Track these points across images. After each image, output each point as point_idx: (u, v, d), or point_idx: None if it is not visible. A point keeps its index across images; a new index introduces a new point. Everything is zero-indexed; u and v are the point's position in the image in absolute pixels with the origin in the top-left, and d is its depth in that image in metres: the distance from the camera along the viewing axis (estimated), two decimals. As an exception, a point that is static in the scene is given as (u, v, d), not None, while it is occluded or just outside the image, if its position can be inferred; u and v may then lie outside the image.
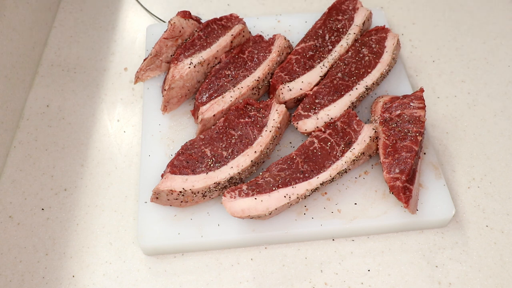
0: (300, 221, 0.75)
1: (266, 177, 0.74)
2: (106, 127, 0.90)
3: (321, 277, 0.73)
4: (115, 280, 0.73)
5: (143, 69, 0.90)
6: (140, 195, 0.78)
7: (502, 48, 1.01)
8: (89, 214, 0.79)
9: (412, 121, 0.79)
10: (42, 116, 0.91)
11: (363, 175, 0.80)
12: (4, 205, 0.80)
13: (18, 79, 0.91)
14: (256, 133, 0.80)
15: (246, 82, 0.85)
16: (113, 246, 0.76)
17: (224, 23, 0.91)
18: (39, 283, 0.73)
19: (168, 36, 0.89)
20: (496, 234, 0.77)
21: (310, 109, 0.83)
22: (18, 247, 0.76)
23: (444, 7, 1.08)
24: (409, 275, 0.73)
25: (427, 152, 0.82)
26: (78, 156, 0.86)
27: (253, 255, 0.75)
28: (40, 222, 0.79)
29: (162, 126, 0.86)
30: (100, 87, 0.95)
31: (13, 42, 0.89)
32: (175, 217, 0.76)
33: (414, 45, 1.02)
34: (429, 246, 0.76)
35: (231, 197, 0.71)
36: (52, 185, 0.83)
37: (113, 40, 1.03)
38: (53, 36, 1.04)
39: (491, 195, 0.81)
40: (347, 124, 0.80)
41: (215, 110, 0.82)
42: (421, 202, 0.76)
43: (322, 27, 0.92)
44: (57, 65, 0.99)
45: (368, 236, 0.77)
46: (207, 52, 0.87)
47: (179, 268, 0.74)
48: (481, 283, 0.72)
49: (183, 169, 0.76)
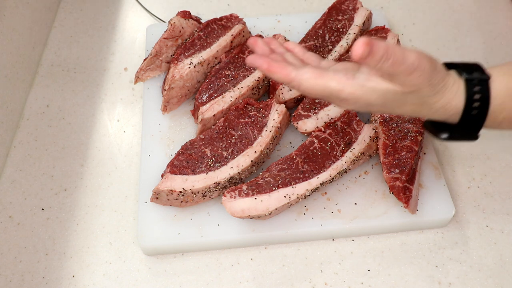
0: (300, 221, 0.75)
1: (266, 177, 0.74)
2: (106, 127, 0.90)
3: (321, 277, 0.73)
4: (115, 280, 0.73)
5: (143, 69, 0.90)
6: (140, 195, 0.78)
7: (502, 48, 1.01)
8: (89, 214, 0.79)
9: (412, 121, 0.79)
10: (42, 116, 0.91)
11: (363, 175, 0.80)
12: (4, 205, 0.80)
13: (18, 79, 0.91)
14: (256, 133, 0.80)
15: (246, 82, 0.85)
16: (113, 246, 0.76)
17: (224, 23, 0.91)
18: (39, 283, 0.73)
19: (168, 36, 0.89)
20: (496, 234, 0.77)
21: (310, 109, 0.83)
22: (18, 247, 0.76)
23: (444, 7, 1.08)
24: (409, 275, 0.73)
25: (427, 152, 0.82)
26: (78, 156, 0.86)
27: (253, 255, 0.75)
28: (40, 222, 0.79)
29: (162, 126, 0.86)
30: (100, 87, 0.95)
31: (13, 42, 0.89)
32: (175, 217, 0.76)
33: (414, 45, 1.02)
34: (429, 246, 0.76)
35: (231, 197, 0.71)
36: (52, 185, 0.83)
37: (113, 40, 1.03)
38: (53, 36, 1.04)
39: (491, 195, 0.81)
40: (347, 124, 0.80)
41: (215, 110, 0.82)
42: (421, 202, 0.76)
43: (322, 27, 0.92)
44: (57, 65, 0.99)
45: (368, 236, 0.77)
46: (207, 52, 0.87)
47: (179, 268, 0.74)
48: (481, 283, 0.72)
49: (183, 169, 0.76)
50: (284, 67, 0.52)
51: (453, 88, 0.55)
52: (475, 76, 0.56)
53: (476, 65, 0.58)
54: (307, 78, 0.52)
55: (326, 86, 0.52)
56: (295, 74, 0.52)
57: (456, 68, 0.58)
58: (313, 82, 0.52)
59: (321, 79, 0.52)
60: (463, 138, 0.59)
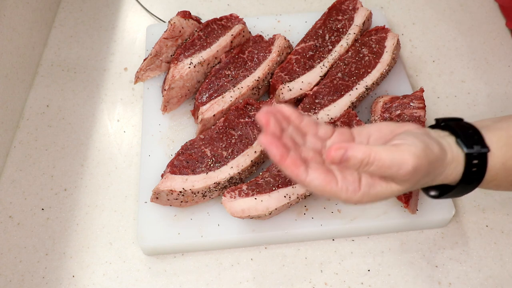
0: (300, 221, 0.75)
1: (266, 177, 0.74)
2: (106, 127, 0.90)
3: (321, 277, 0.73)
4: (115, 280, 0.73)
5: (143, 69, 0.90)
6: (140, 195, 0.78)
7: (502, 48, 1.01)
8: (89, 214, 0.79)
9: (412, 121, 0.79)
10: (42, 116, 0.91)
11: (363, 175, 0.80)
12: (4, 205, 0.80)
13: (18, 79, 0.91)
14: (256, 133, 0.80)
15: (246, 82, 0.85)
16: (113, 246, 0.76)
17: (224, 23, 0.91)
18: (39, 283, 0.73)
19: (168, 36, 0.89)
20: (496, 234, 0.77)
21: (310, 109, 0.83)
22: (18, 247, 0.76)
23: (444, 7, 1.08)
24: (409, 275, 0.73)
25: (427, 152, 0.82)
26: (78, 156, 0.86)
27: (253, 255, 0.75)
28: (40, 222, 0.79)
29: (162, 126, 0.86)
30: (100, 87, 0.95)
31: (13, 42, 0.89)
32: (175, 217, 0.76)
33: (414, 45, 1.02)
34: (429, 246, 0.76)
35: (231, 197, 0.71)
36: (52, 185, 0.83)
37: (113, 40, 1.03)
38: (53, 36, 1.04)
39: (491, 195, 0.81)
40: (347, 124, 0.80)
41: (215, 110, 0.82)
42: (421, 202, 0.76)
43: (322, 27, 0.92)
44: (57, 65, 0.99)
45: (368, 236, 0.77)
46: (207, 52, 0.87)
47: (179, 268, 0.74)
48: (481, 283, 0.72)
49: (183, 169, 0.76)
50: (297, 167, 0.52)
51: (452, 165, 0.56)
52: (475, 150, 0.56)
53: (476, 132, 0.57)
54: (316, 185, 0.52)
55: (334, 194, 0.53)
56: (305, 178, 0.52)
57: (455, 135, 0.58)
58: (322, 189, 0.52)
59: (330, 187, 0.52)
60: (452, 196, 0.60)
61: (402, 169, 0.51)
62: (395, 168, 0.51)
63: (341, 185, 0.52)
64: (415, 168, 0.51)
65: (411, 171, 0.51)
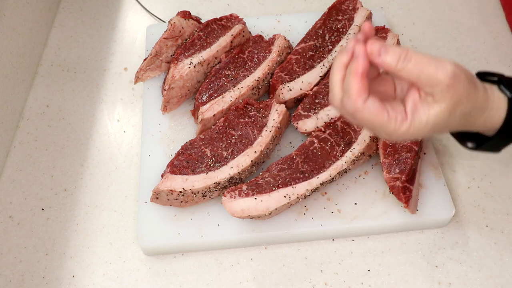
0: (300, 221, 0.75)
1: (266, 177, 0.74)
2: (106, 127, 0.90)
3: (321, 277, 0.73)
4: (115, 280, 0.73)
5: (143, 69, 0.90)
6: (140, 195, 0.78)
7: (502, 48, 1.00)
8: (89, 214, 0.79)
9: (412, 121, 0.79)
10: (42, 116, 0.91)
11: (363, 175, 0.80)
12: (4, 205, 0.80)
13: (18, 79, 0.91)
14: (256, 133, 0.80)
15: (246, 82, 0.85)
16: (113, 246, 0.76)
17: (224, 23, 0.91)
18: (39, 283, 0.73)
19: (168, 36, 0.89)
20: (496, 234, 0.77)
21: (310, 109, 0.83)
22: (18, 247, 0.76)
23: (444, 7, 1.08)
24: (409, 275, 0.73)
25: (427, 152, 0.82)
26: (78, 156, 0.86)
27: (253, 255, 0.75)
28: (40, 222, 0.79)
29: (162, 126, 0.86)
30: (100, 87, 0.95)
31: (13, 42, 0.89)
32: (175, 217, 0.76)
33: (414, 45, 1.02)
34: (429, 246, 0.76)
35: (231, 197, 0.71)
36: (52, 185, 0.83)
37: (113, 40, 1.03)
38: (53, 36, 1.04)
39: (491, 195, 0.81)
40: (347, 124, 0.80)
41: (215, 110, 0.82)
42: (421, 202, 0.76)
43: (322, 27, 0.92)
44: (57, 65, 0.99)
45: (368, 236, 0.77)
46: (207, 52, 0.87)
47: (179, 268, 0.74)
48: (481, 283, 0.72)
49: (183, 169, 0.76)
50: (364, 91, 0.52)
51: (495, 105, 0.56)
52: None
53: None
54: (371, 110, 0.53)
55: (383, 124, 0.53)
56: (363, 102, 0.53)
57: (498, 82, 0.58)
58: (373, 118, 0.53)
59: (382, 117, 0.53)
60: (489, 150, 0.59)
61: (440, 70, 0.51)
62: (433, 68, 0.51)
63: (391, 115, 0.53)
64: (454, 73, 0.51)
65: (450, 75, 0.51)
